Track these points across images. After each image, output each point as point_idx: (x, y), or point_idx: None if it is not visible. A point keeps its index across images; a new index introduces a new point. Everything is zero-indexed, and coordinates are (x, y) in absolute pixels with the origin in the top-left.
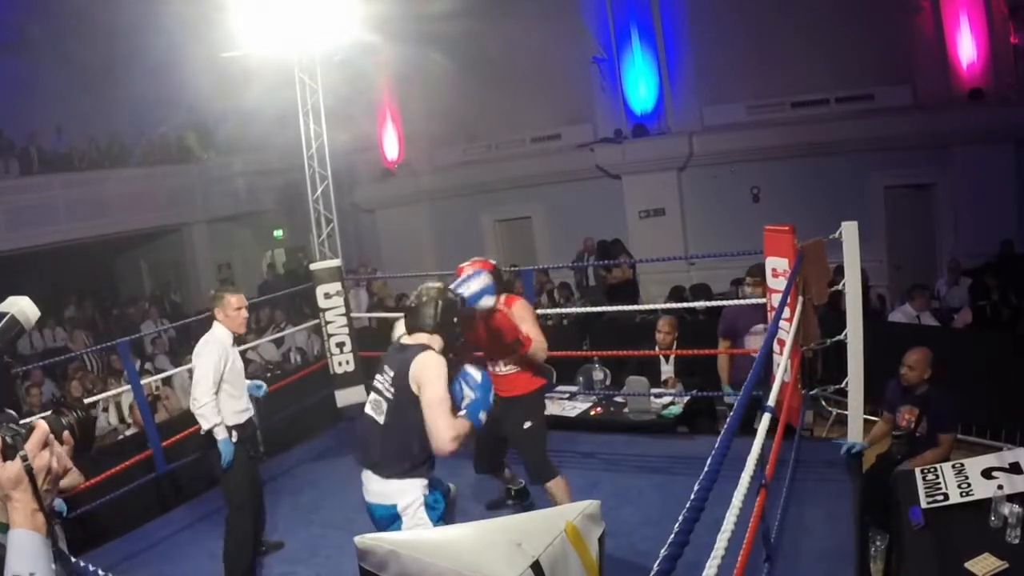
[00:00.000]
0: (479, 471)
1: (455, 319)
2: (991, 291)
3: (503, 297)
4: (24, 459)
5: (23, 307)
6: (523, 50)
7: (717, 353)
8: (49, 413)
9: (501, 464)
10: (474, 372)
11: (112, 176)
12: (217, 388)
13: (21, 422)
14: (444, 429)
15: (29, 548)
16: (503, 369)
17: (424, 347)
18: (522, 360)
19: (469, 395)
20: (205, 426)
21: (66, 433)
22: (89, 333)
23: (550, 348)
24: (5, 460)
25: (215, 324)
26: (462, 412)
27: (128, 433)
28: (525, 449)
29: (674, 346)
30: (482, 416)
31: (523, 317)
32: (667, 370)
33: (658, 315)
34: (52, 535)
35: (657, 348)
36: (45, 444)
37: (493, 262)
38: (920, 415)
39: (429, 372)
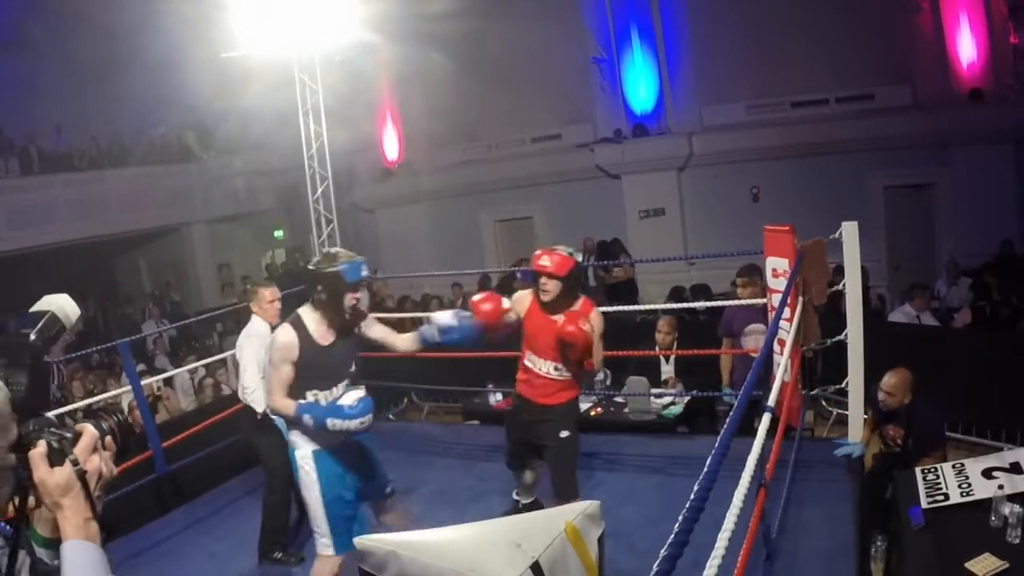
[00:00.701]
0: (510, 468)
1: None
2: (992, 291)
3: (580, 300)
4: (75, 463)
5: (63, 304)
6: (523, 50)
7: (717, 353)
8: (75, 419)
9: (528, 465)
10: (352, 398)
11: (112, 176)
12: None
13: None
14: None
15: (86, 561)
16: (552, 373)
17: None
18: (576, 372)
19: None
20: (259, 410)
21: (108, 439)
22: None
23: None
24: (52, 466)
25: (253, 317)
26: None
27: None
28: (558, 461)
29: (674, 346)
30: (307, 419)
31: (598, 330)
32: (667, 370)
33: (658, 315)
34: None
35: (657, 348)
36: (93, 449)
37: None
38: (906, 434)
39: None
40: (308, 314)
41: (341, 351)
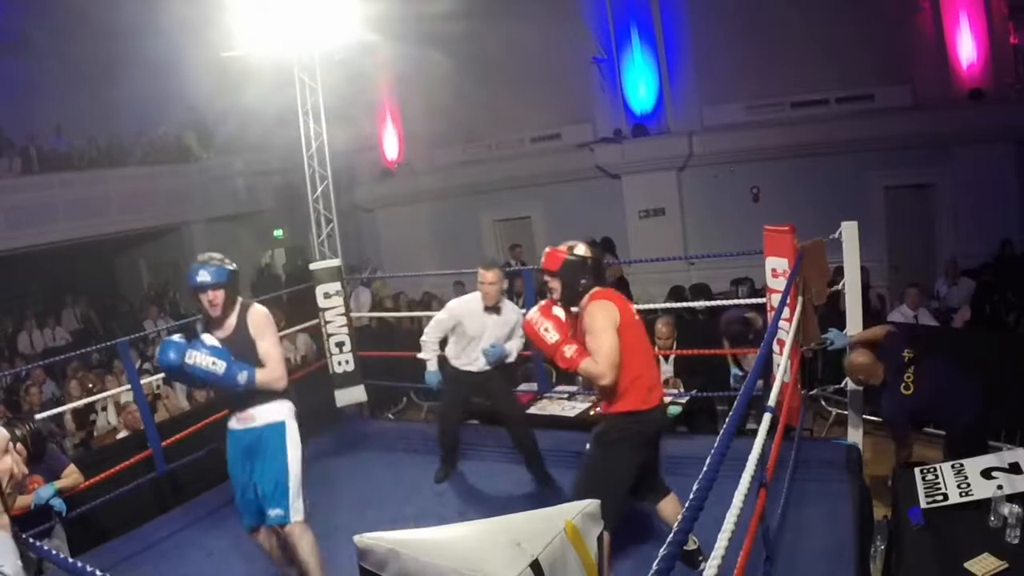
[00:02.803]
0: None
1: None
2: (994, 290)
3: (590, 294)
4: None
5: None
6: (523, 50)
7: (716, 353)
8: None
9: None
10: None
11: (112, 176)
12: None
13: None
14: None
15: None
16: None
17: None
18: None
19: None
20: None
21: (19, 444)
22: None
23: None
24: None
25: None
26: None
27: (126, 434)
28: (578, 475)
29: (674, 346)
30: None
31: (592, 325)
32: (667, 370)
33: (657, 315)
34: (16, 534)
35: (657, 348)
36: (5, 451)
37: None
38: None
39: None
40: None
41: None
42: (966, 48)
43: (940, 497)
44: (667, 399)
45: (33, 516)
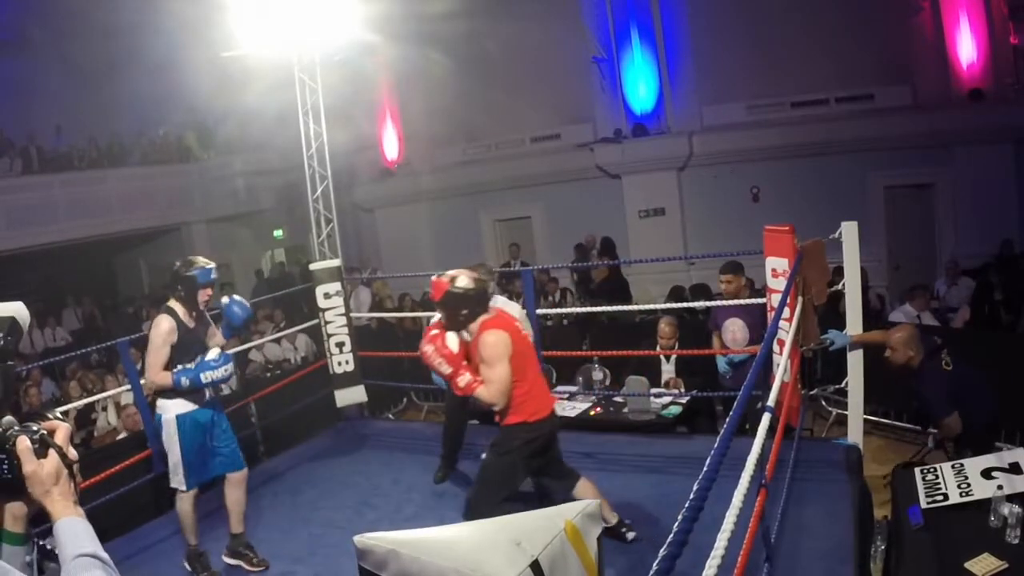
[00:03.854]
0: None
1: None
2: (994, 290)
3: (479, 322)
4: (61, 453)
5: (19, 311)
6: (523, 50)
7: (713, 353)
8: (13, 426)
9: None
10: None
11: (112, 176)
12: None
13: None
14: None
15: (84, 532)
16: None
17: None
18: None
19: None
20: None
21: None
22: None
23: (548, 347)
24: (39, 458)
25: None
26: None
27: (126, 434)
28: (475, 479)
29: (676, 347)
30: (184, 381)
31: (484, 355)
32: (668, 370)
33: (657, 315)
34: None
35: (659, 348)
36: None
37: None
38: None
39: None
40: (176, 305)
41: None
42: (966, 48)
43: (940, 497)
44: (665, 399)
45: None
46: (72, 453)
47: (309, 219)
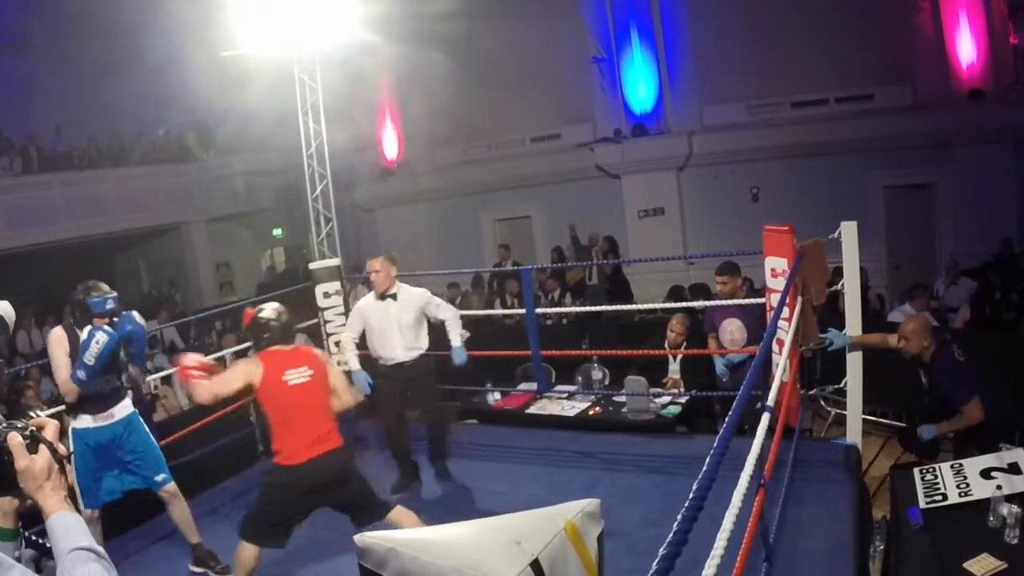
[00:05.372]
0: None
1: None
2: (994, 290)
3: (270, 349)
4: (51, 448)
5: (6, 309)
6: (523, 50)
7: (715, 353)
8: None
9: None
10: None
11: (112, 175)
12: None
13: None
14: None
15: (78, 526)
16: None
17: None
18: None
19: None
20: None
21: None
22: None
23: (549, 347)
24: (31, 454)
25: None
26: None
27: None
28: None
29: (684, 344)
30: (80, 374)
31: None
32: (674, 369)
33: (657, 314)
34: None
35: (667, 346)
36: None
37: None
38: (930, 384)
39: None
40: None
41: None
42: (966, 48)
43: (939, 497)
44: (665, 399)
45: (32, 514)
46: (62, 448)
47: (309, 219)
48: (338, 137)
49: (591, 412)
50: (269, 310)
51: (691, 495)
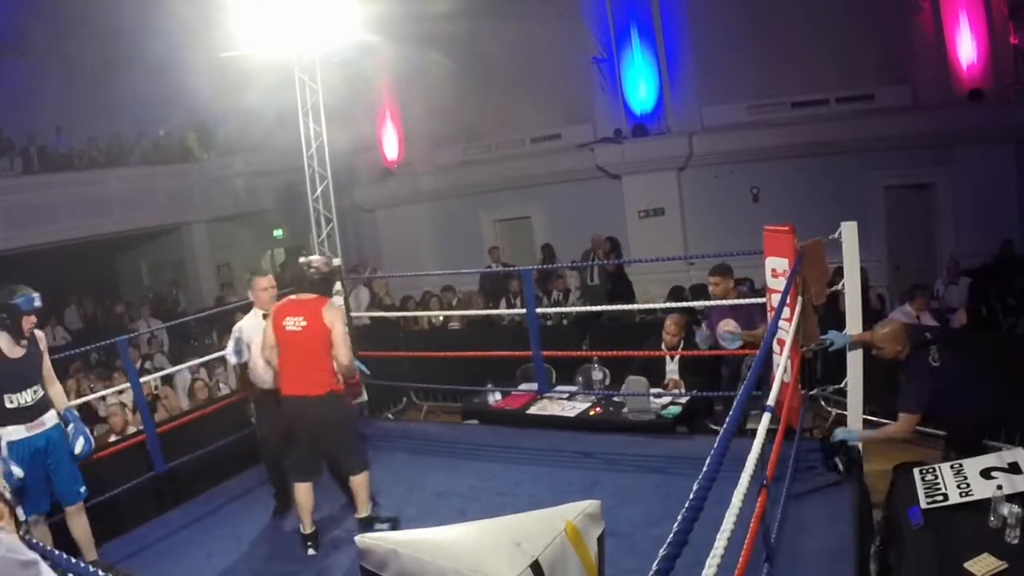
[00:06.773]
0: None
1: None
2: (990, 291)
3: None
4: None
5: None
6: (523, 50)
7: (716, 354)
8: None
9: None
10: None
11: (112, 176)
12: None
13: None
14: None
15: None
16: None
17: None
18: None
19: None
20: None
21: None
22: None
23: (549, 347)
24: None
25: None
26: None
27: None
28: None
29: (680, 344)
30: None
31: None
32: (672, 369)
33: (658, 315)
34: None
35: (664, 347)
36: None
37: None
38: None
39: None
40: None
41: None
42: (966, 48)
43: (940, 497)
44: (665, 399)
45: None
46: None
47: (309, 219)
48: (338, 138)
49: (592, 412)
50: (304, 260)
51: (691, 495)
